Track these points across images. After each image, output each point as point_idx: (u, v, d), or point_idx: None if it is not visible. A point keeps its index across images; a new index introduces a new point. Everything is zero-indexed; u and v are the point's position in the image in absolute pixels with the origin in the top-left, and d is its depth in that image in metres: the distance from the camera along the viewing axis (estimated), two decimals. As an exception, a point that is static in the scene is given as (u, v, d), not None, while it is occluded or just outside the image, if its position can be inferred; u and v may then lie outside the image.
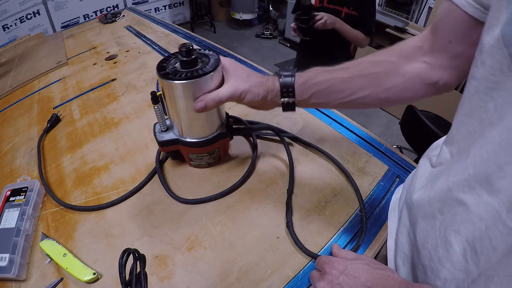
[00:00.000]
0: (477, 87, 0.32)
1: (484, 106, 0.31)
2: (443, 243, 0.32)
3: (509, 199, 0.26)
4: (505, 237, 0.26)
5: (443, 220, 0.33)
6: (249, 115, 0.68)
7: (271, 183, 0.53)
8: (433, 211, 0.35)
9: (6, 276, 0.41)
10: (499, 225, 0.27)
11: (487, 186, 0.29)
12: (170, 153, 0.55)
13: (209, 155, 0.53)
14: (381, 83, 0.43)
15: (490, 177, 0.28)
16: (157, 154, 0.59)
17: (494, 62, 0.29)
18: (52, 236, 0.48)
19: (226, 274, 0.42)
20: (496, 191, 0.28)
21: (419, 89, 0.43)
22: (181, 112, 0.47)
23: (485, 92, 0.31)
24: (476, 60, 0.32)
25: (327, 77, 0.44)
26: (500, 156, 0.28)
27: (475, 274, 0.28)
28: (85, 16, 3.00)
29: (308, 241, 0.45)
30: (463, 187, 0.31)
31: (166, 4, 3.60)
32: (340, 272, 0.35)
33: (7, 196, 0.52)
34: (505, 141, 0.27)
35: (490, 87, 0.30)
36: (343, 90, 0.43)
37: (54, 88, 0.90)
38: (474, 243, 0.29)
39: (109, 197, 0.53)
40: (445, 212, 0.33)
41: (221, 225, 0.48)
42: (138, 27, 1.28)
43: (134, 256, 0.39)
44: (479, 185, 0.29)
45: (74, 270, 0.42)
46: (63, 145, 0.67)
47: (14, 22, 2.53)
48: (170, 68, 0.45)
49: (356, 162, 0.57)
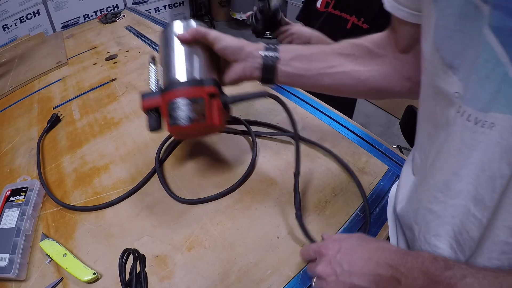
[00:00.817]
0: (425, 92, 0.34)
1: (433, 111, 0.32)
2: (427, 248, 0.34)
3: (471, 194, 0.28)
4: (478, 228, 0.29)
5: (419, 229, 0.35)
6: (249, 115, 0.68)
7: (271, 183, 0.53)
8: (410, 221, 0.37)
9: (6, 276, 0.41)
10: (470, 218, 0.29)
11: (448, 192, 0.30)
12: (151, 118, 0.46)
13: (191, 104, 0.43)
14: (360, 63, 0.43)
15: (448, 183, 0.30)
16: (156, 154, 0.59)
17: (432, 68, 0.30)
18: (52, 236, 0.48)
19: (226, 274, 0.42)
20: (457, 193, 0.29)
21: (397, 81, 0.43)
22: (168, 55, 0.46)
23: (432, 97, 0.32)
24: (422, 67, 0.34)
25: (310, 47, 0.45)
26: (451, 163, 0.29)
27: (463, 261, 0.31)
28: (85, 16, 2.99)
29: (308, 241, 0.45)
30: (428, 197, 0.33)
31: (166, 4, 3.59)
32: (337, 251, 0.35)
33: (7, 196, 0.52)
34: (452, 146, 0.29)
35: (434, 91, 0.31)
36: (324, 61, 0.43)
37: (54, 88, 0.90)
38: (456, 237, 0.31)
39: (109, 197, 0.53)
40: (419, 221, 0.35)
41: (221, 225, 0.48)
42: (138, 27, 1.28)
43: (134, 256, 0.39)
44: (441, 193, 0.31)
45: (74, 270, 0.42)
46: (63, 145, 0.67)
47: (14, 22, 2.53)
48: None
49: (356, 162, 0.57)
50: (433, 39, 0.29)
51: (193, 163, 0.59)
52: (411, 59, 0.40)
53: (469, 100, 0.26)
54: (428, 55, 0.31)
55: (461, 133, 0.27)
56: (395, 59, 0.42)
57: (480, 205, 0.28)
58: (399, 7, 0.36)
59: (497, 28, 0.23)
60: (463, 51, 0.26)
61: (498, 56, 0.23)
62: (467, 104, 0.26)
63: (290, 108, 0.45)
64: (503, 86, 0.23)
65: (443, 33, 0.28)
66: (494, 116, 0.25)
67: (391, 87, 0.43)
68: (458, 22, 0.26)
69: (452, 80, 0.28)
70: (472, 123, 0.26)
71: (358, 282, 0.32)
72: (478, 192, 0.28)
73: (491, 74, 0.24)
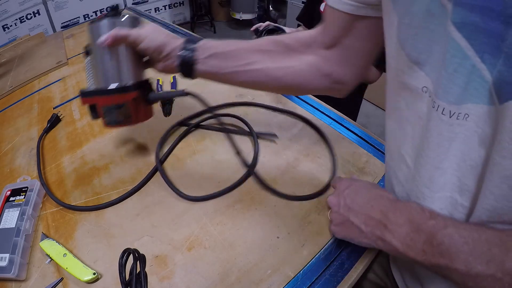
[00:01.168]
0: (389, 88, 0.35)
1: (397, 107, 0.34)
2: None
3: (456, 185, 0.29)
4: (467, 217, 0.30)
5: None
6: (249, 115, 0.68)
7: (271, 183, 0.53)
8: None
9: (6, 276, 0.41)
10: (458, 208, 0.30)
11: (433, 187, 0.31)
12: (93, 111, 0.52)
13: (117, 109, 0.50)
14: (276, 60, 0.44)
15: (432, 178, 0.31)
16: (156, 152, 0.59)
17: (397, 64, 0.32)
18: (52, 236, 0.48)
19: (226, 274, 0.42)
20: (442, 186, 0.30)
21: (313, 78, 0.44)
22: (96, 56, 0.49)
23: (396, 92, 0.33)
24: (386, 65, 0.35)
25: (228, 44, 0.46)
26: (433, 158, 0.30)
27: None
28: (85, 16, 2.99)
29: (308, 241, 0.45)
30: (416, 193, 0.33)
31: (166, 4, 3.59)
32: (346, 187, 0.41)
33: (7, 196, 0.52)
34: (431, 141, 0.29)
35: (399, 87, 0.32)
36: (240, 59, 0.44)
37: (54, 88, 0.90)
38: None
39: (109, 197, 0.53)
40: None
41: (221, 225, 0.48)
42: (138, 27, 1.28)
43: (134, 256, 0.39)
44: (427, 189, 0.32)
45: (74, 270, 0.42)
46: (63, 145, 0.67)
47: (14, 22, 2.53)
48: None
49: (356, 162, 0.57)
50: (397, 37, 0.30)
51: (193, 163, 0.59)
52: (335, 55, 0.42)
53: (441, 95, 0.27)
54: (392, 52, 0.32)
55: (438, 128, 0.28)
56: (315, 55, 0.43)
57: (465, 194, 0.29)
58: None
59: (460, 24, 0.23)
60: (429, 47, 0.27)
61: (464, 50, 0.24)
62: (440, 99, 0.27)
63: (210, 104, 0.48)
64: (472, 77, 0.24)
65: (408, 31, 0.29)
66: (467, 107, 0.25)
67: (306, 84, 0.45)
68: (423, 19, 0.27)
69: (418, 75, 0.29)
70: (447, 116, 0.27)
71: (352, 219, 0.37)
72: (462, 182, 0.29)
73: (459, 68, 0.24)
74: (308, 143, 0.61)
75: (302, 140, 0.61)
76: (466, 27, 0.23)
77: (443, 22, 0.25)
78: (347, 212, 0.37)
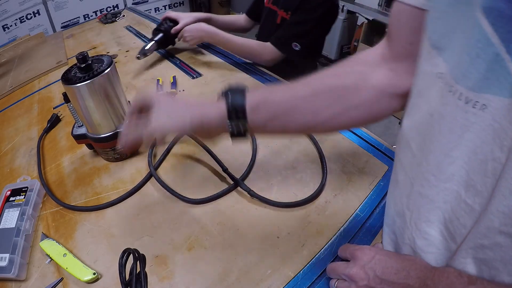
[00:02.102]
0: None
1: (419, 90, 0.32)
2: (418, 235, 0.34)
3: (463, 179, 0.28)
4: (469, 214, 0.29)
5: (410, 215, 0.35)
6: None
7: (270, 183, 0.53)
8: (402, 208, 0.37)
9: (6, 276, 0.41)
10: (461, 205, 0.29)
11: (440, 175, 0.30)
12: (88, 145, 0.61)
13: (113, 150, 0.58)
14: (350, 99, 0.39)
15: (440, 165, 0.30)
16: (148, 157, 0.59)
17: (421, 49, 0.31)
18: (52, 236, 0.48)
19: (226, 274, 0.42)
20: (449, 177, 0.29)
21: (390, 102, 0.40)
22: (83, 111, 0.53)
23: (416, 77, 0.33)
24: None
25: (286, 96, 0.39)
26: (443, 144, 0.29)
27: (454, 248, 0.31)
28: (85, 16, 2.99)
29: (308, 241, 0.45)
30: (421, 180, 0.33)
31: (166, 4, 3.59)
32: (372, 257, 0.36)
33: (7, 196, 0.52)
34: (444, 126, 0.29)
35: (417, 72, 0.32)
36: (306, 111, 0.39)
37: (54, 88, 0.90)
38: (446, 224, 0.31)
39: (109, 197, 0.53)
40: (410, 206, 0.35)
41: (221, 225, 0.48)
42: (138, 27, 1.28)
43: (134, 256, 0.39)
44: (434, 177, 0.31)
45: (74, 270, 0.42)
46: (63, 145, 0.67)
47: (14, 22, 2.53)
48: (72, 75, 0.52)
49: (356, 162, 0.57)
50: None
51: (192, 163, 0.59)
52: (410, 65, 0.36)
53: (460, 79, 0.26)
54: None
55: (453, 113, 0.27)
56: (389, 70, 0.39)
57: (471, 190, 0.28)
58: None
59: (488, 8, 0.23)
60: (451, 32, 0.26)
61: (489, 37, 0.23)
62: (458, 83, 0.26)
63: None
64: (494, 66, 0.23)
65: (431, 14, 0.28)
66: (486, 97, 0.24)
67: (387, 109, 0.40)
68: (450, 4, 0.26)
69: (435, 61, 0.28)
70: (463, 102, 0.26)
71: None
72: (470, 177, 0.28)
73: (482, 54, 0.24)
74: (308, 142, 0.61)
75: (302, 140, 0.61)
76: (493, 13, 0.22)
77: (470, 7, 0.24)
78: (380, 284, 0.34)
